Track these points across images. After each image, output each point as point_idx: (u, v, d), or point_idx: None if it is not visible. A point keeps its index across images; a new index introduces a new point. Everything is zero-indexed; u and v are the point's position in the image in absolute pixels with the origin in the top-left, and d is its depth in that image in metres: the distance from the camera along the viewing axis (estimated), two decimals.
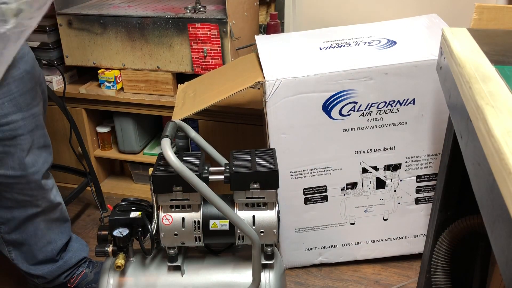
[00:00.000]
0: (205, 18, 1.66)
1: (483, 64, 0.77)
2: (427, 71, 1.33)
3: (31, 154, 1.26)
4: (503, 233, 0.49)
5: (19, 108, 1.21)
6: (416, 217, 1.55)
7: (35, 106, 1.27)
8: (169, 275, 1.19)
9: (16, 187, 1.26)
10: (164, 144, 1.06)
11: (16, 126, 1.21)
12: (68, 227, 1.44)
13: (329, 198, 1.50)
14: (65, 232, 1.42)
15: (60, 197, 1.40)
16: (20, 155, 1.24)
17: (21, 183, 1.26)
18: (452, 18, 1.54)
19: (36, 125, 1.27)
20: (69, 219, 1.45)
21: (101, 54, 1.80)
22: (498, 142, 0.53)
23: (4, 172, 1.23)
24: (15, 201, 1.28)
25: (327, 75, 1.33)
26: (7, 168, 1.23)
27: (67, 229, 1.43)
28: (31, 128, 1.25)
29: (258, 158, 1.17)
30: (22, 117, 1.22)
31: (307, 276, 1.59)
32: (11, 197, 1.27)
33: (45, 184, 1.31)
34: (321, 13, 1.85)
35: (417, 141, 1.43)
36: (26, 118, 1.23)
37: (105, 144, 2.01)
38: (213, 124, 1.76)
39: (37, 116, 1.28)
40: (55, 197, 1.36)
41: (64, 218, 1.42)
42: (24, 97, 1.23)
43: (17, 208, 1.29)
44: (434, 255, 1.03)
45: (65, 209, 1.43)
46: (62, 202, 1.41)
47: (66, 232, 1.43)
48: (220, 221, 1.14)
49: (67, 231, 1.43)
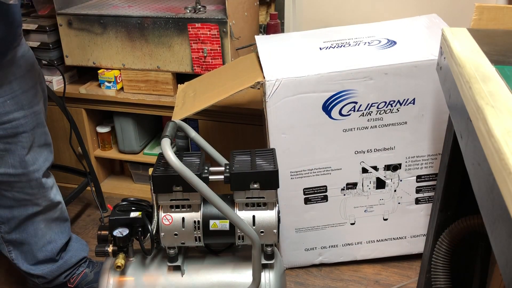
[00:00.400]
0: (205, 18, 1.66)
1: (483, 64, 0.77)
2: (427, 71, 1.33)
3: (32, 152, 1.26)
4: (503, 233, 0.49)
5: (20, 106, 1.22)
6: (416, 217, 1.55)
7: (36, 104, 1.28)
8: (169, 275, 1.19)
9: (17, 186, 1.26)
10: (164, 144, 1.06)
11: (18, 124, 1.22)
12: (68, 227, 1.44)
13: (329, 198, 1.50)
14: (65, 231, 1.42)
15: (60, 196, 1.40)
16: (21, 153, 1.24)
17: (22, 181, 1.26)
18: (452, 18, 1.54)
19: (37, 123, 1.28)
20: (69, 218, 1.45)
21: (101, 54, 1.80)
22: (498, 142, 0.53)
23: (5, 170, 1.23)
24: (15, 200, 1.28)
25: (327, 75, 1.33)
26: (8, 166, 1.23)
27: (67, 228, 1.44)
28: (33, 126, 1.26)
29: (258, 158, 1.17)
30: (24, 115, 1.23)
31: (307, 276, 1.59)
32: (12, 196, 1.27)
33: (45, 182, 1.32)
34: (321, 13, 1.85)
35: (417, 141, 1.43)
36: (28, 116, 1.24)
37: (105, 144, 2.01)
38: (213, 124, 1.76)
39: (38, 114, 1.28)
40: (55, 196, 1.37)
41: (64, 217, 1.42)
42: (25, 95, 1.23)
43: (17, 207, 1.29)
44: (434, 255, 1.03)
45: (65, 208, 1.43)
46: (62, 202, 1.41)
47: (66, 232, 1.43)
48: (220, 221, 1.14)
49: (67, 230, 1.43)
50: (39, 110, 1.29)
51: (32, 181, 1.28)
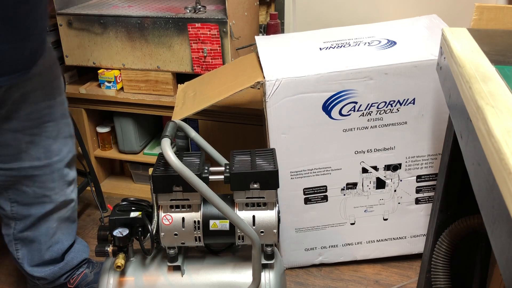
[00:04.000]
0: (205, 18, 1.66)
1: (483, 64, 0.77)
2: (427, 71, 1.33)
3: (57, 142, 1.29)
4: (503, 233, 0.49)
5: (48, 97, 1.24)
6: (416, 217, 1.55)
7: (61, 94, 1.31)
8: (169, 275, 1.19)
9: (39, 179, 1.28)
10: (164, 144, 1.06)
11: (44, 113, 1.24)
12: (75, 229, 1.45)
13: (329, 198, 1.50)
14: (72, 233, 1.44)
15: (76, 195, 1.42)
16: (46, 143, 1.26)
17: (45, 174, 1.28)
18: (452, 18, 1.54)
19: (62, 113, 1.31)
20: (77, 220, 1.47)
21: (101, 54, 1.80)
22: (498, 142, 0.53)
23: (30, 163, 1.25)
24: (35, 197, 1.29)
25: (327, 75, 1.33)
26: (33, 159, 1.25)
27: (74, 230, 1.45)
28: (58, 116, 1.29)
29: (258, 158, 1.17)
30: (50, 105, 1.25)
31: (307, 276, 1.59)
32: (32, 192, 1.28)
33: (67, 174, 1.34)
34: (321, 13, 1.85)
35: (417, 141, 1.43)
36: (54, 106, 1.27)
37: (105, 144, 2.01)
38: (213, 124, 1.76)
39: (62, 105, 1.31)
40: (71, 192, 1.38)
41: (73, 218, 1.43)
42: (52, 85, 1.26)
43: (36, 204, 1.31)
44: (434, 255, 1.03)
45: (76, 209, 1.44)
46: (76, 201, 1.42)
47: (72, 234, 1.44)
48: (220, 221, 1.14)
49: (73, 232, 1.45)
50: (64, 100, 1.32)
51: (54, 172, 1.30)
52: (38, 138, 1.25)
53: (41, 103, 1.23)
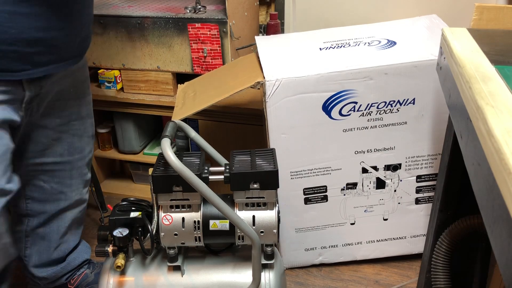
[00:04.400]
0: (205, 18, 1.66)
1: (483, 64, 0.77)
2: (427, 71, 1.33)
3: (81, 141, 1.31)
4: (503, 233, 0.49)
5: (78, 95, 1.27)
6: (416, 217, 1.55)
7: (89, 95, 1.34)
8: (169, 275, 1.19)
9: (58, 175, 1.29)
10: (164, 144, 1.06)
11: (73, 111, 1.27)
12: (80, 232, 1.46)
13: (329, 198, 1.50)
14: (78, 235, 1.45)
15: (87, 196, 1.43)
16: (71, 140, 1.28)
17: (65, 170, 1.30)
18: (452, 18, 1.54)
19: (88, 113, 1.33)
20: (83, 223, 1.47)
21: (101, 54, 1.80)
22: (498, 142, 0.53)
23: (53, 159, 1.26)
24: (51, 193, 1.30)
25: (327, 75, 1.33)
26: (56, 155, 1.27)
27: (80, 232, 1.46)
28: (85, 115, 1.31)
29: (258, 158, 1.17)
30: (79, 103, 1.28)
31: (307, 276, 1.59)
32: (49, 188, 1.29)
33: (85, 173, 1.36)
34: (321, 13, 1.85)
35: (417, 141, 1.43)
36: (82, 105, 1.29)
37: (105, 144, 2.01)
38: (213, 124, 1.76)
39: (89, 104, 1.34)
40: (86, 193, 1.40)
41: (81, 220, 1.44)
42: (83, 84, 1.29)
43: (51, 201, 1.31)
44: (434, 255, 1.03)
45: (85, 211, 1.45)
46: (87, 201, 1.43)
47: (78, 235, 1.45)
48: (220, 221, 1.14)
49: (79, 234, 1.45)
50: (90, 100, 1.35)
51: (74, 169, 1.31)
52: (65, 135, 1.27)
53: (71, 101, 1.26)
